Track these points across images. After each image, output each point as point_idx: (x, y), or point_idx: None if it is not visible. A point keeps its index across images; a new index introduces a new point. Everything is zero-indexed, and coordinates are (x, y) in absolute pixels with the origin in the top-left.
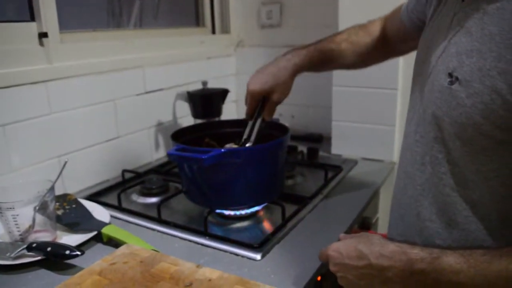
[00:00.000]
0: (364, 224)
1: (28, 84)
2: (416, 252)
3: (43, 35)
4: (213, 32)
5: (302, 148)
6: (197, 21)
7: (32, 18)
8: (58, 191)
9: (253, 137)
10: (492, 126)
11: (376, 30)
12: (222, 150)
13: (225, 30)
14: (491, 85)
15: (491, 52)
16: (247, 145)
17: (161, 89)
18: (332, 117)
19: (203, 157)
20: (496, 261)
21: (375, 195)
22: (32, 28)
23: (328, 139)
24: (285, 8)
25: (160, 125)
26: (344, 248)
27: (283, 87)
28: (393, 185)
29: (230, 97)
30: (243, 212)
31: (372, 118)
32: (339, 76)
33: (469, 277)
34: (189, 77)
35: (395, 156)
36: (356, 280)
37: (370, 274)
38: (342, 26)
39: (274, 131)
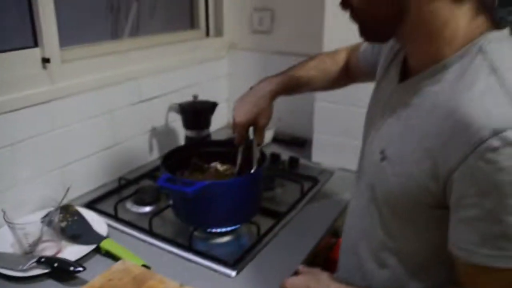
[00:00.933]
0: (335, 233)
1: (33, 106)
2: None
3: (46, 60)
4: (207, 34)
5: (285, 156)
6: (192, 23)
7: (35, 43)
8: (61, 195)
9: (254, 164)
10: (408, 200)
11: (341, 59)
12: (206, 183)
13: (219, 33)
14: (409, 170)
15: (411, 142)
16: (252, 170)
17: (155, 97)
18: (313, 129)
19: (188, 190)
20: None
21: (346, 207)
22: (35, 53)
23: (311, 141)
24: (276, 16)
25: (154, 130)
26: (298, 284)
27: (266, 113)
28: None
29: (221, 96)
30: (223, 229)
31: (351, 133)
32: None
33: None
34: (182, 82)
35: None
36: None
37: None
38: (326, 37)
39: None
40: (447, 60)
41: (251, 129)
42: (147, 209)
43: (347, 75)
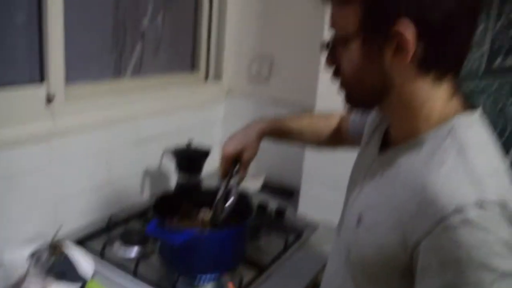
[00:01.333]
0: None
1: (33, 141)
2: None
3: (50, 97)
4: (206, 77)
5: (273, 205)
6: (193, 65)
7: (42, 78)
8: (52, 229)
9: (233, 195)
10: (381, 267)
11: (334, 123)
12: (193, 233)
13: (218, 77)
14: (381, 238)
15: (384, 212)
16: (227, 204)
17: (151, 138)
18: (302, 180)
19: (175, 239)
20: None
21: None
22: (41, 90)
23: (299, 192)
24: (274, 65)
25: (147, 171)
26: None
27: (251, 147)
28: None
29: (216, 140)
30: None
31: (339, 188)
32: None
33: None
34: (179, 125)
35: None
36: None
37: None
38: (320, 90)
39: (241, 206)
40: (422, 136)
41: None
42: (135, 250)
43: (338, 139)
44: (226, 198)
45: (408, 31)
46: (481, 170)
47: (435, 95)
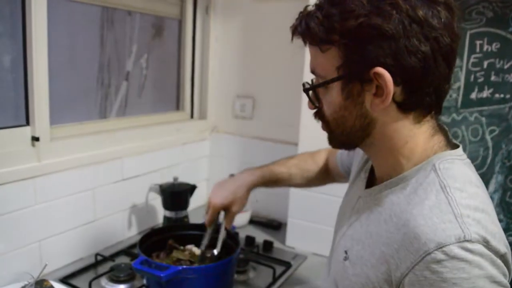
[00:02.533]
0: None
1: (18, 181)
2: None
3: (35, 139)
4: (192, 116)
5: (260, 238)
6: (177, 105)
7: (27, 122)
8: (37, 269)
9: (219, 245)
10: None
11: (321, 160)
12: (179, 268)
13: (203, 116)
14: (367, 272)
15: (369, 247)
16: (215, 251)
17: (137, 176)
18: (288, 214)
19: (161, 274)
20: None
21: None
22: (26, 132)
23: (286, 225)
24: (256, 103)
25: (134, 207)
26: None
27: (240, 201)
28: None
29: (201, 177)
30: None
31: (324, 220)
32: None
33: None
34: (164, 162)
35: None
36: None
37: None
38: (302, 127)
39: (228, 239)
40: (405, 174)
41: (222, 213)
42: (122, 287)
43: (326, 175)
44: (212, 244)
45: (385, 75)
46: (463, 206)
47: (417, 133)
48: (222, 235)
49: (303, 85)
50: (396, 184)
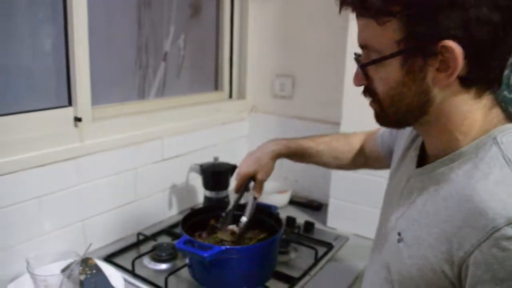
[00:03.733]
0: None
1: (61, 161)
2: None
3: (77, 119)
4: (230, 96)
5: (301, 219)
6: (216, 85)
7: (69, 103)
8: (81, 247)
9: (248, 212)
10: (424, 283)
11: (356, 142)
12: (222, 248)
13: (241, 96)
14: (424, 253)
15: (426, 227)
16: (242, 219)
17: (177, 156)
18: (329, 193)
19: (205, 254)
20: None
21: (360, 275)
22: (68, 112)
23: (327, 205)
24: (296, 82)
25: (174, 187)
26: None
27: (265, 169)
28: None
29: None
30: None
31: (366, 201)
32: None
33: None
34: (204, 143)
35: None
36: None
37: None
38: (345, 106)
39: (271, 220)
40: (463, 149)
41: (252, 183)
42: (164, 266)
43: (360, 158)
44: (241, 213)
45: (456, 48)
46: None
47: (476, 108)
48: (250, 203)
49: (357, 59)
50: (453, 161)
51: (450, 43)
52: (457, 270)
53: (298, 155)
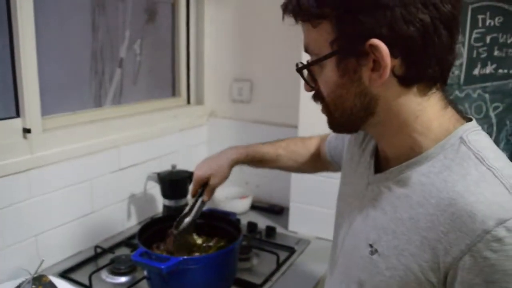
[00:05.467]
0: None
1: (11, 175)
2: None
3: (26, 131)
4: (188, 102)
5: (262, 224)
6: (173, 91)
7: (17, 113)
8: (34, 264)
9: (193, 213)
10: None
11: (312, 145)
12: (180, 258)
13: (199, 101)
14: (405, 263)
15: (403, 235)
16: (186, 219)
17: (135, 165)
18: (290, 197)
19: (162, 266)
20: None
21: (321, 280)
22: (17, 124)
23: (289, 209)
24: (254, 86)
25: (132, 197)
26: None
27: (220, 175)
28: None
29: None
30: None
31: (326, 203)
32: None
33: None
34: (162, 150)
35: None
36: None
37: None
38: (302, 109)
39: (229, 227)
40: (428, 151)
41: None
42: (123, 279)
43: (317, 162)
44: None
45: (381, 47)
46: (509, 176)
47: (426, 106)
48: (198, 204)
49: (296, 65)
50: (420, 163)
51: (376, 42)
52: (443, 276)
53: (257, 161)
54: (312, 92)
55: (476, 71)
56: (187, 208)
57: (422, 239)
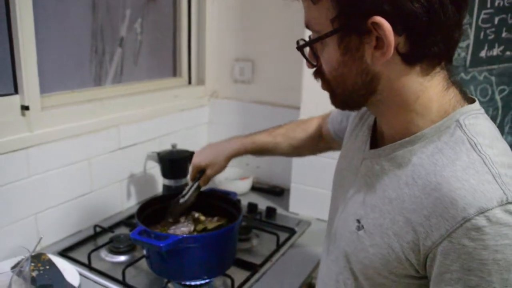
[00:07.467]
0: (311, 286)
1: (9, 152)
2: None
3: (25, 108)
4: (189, 82)
5: (263, 205)
6: (174, 72)
7: (16, 90)
8: (34, 243)
9: (187, 196)
10: (388, 271)
11: (312, 127)
12: (179, 237)
13: (201, 81)
14: (388, 242)
15: (388, 214)
16: (181, 200)
17: (135, 144)
18: (291, 179)
19: (161, 244)
20: None
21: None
22: (15, 100)
23: (289, 191)
24: (256, 66)
25: (132, 177)
26: None
27: (216, 166)
28: None
29: (201, 144)
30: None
31: (328, 184)
32: None
33: None
34: (162, 130)
35: None
36: None
37: None
38: (305, 89)
39: (230, 207)
40: (424, 131)
41: None
42: (122, 258)
43: (319, 143)
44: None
45: (384, 24)
46: (498, 165)
47: (428, 87)
48: (193, 188)
49: (297, 42)
50: (414, 143)
51: (379, 19)
52: (423, 259)
53: (257, 151)
54: (313, 70)
55: (482, 53)
56: (185, 190)
57: (406, 220)
